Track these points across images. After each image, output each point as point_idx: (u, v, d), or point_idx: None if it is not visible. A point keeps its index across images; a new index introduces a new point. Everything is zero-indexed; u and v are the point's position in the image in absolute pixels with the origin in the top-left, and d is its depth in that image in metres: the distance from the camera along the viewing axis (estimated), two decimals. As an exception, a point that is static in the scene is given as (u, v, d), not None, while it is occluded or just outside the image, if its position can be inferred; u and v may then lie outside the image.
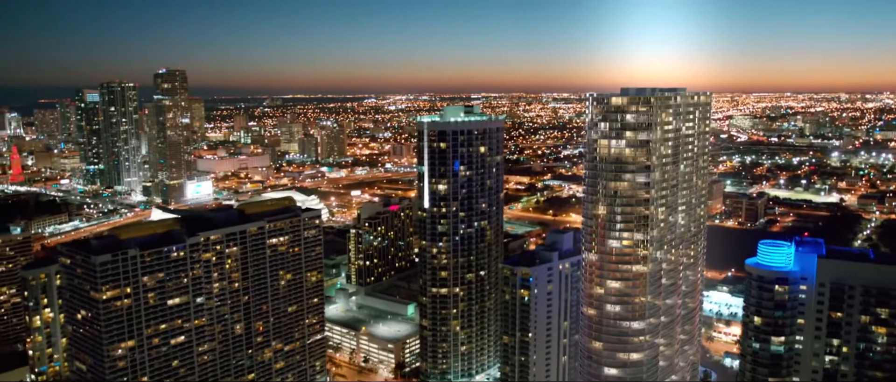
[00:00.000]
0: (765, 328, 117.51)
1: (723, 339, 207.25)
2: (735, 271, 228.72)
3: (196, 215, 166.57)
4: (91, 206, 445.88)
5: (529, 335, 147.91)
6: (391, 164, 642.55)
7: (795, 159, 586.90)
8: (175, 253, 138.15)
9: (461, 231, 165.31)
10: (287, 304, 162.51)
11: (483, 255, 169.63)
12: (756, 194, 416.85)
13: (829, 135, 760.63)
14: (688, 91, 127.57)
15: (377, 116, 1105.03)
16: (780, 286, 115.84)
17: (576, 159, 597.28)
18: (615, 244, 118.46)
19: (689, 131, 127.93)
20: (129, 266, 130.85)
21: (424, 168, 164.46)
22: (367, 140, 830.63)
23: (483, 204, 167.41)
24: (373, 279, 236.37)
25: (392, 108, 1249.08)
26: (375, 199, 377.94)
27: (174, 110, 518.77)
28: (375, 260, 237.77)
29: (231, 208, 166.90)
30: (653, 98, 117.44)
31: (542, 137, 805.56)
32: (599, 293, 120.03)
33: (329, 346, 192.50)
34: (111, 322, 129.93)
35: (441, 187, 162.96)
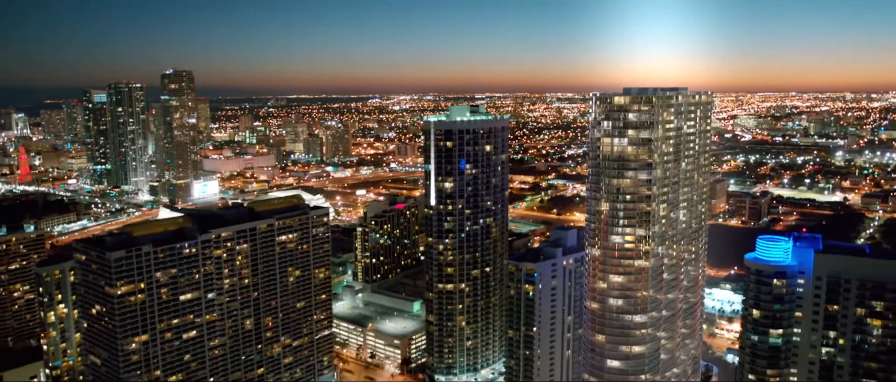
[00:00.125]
0: (763, 320, 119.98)
1: (725, 336, 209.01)
2: (738, 269, 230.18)
3: (207, 212, 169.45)
4: (99, 205, 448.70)
5: (534, 329, 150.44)
6: (396, 163, 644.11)
7: (799, 159, 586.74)
8: (187, 250, 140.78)
9: (467, 228, 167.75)
10: (295, 300, 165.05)
11: (488, 252, 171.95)
12: (759, 193, 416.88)
13: (834, 134, 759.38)
14: (689, 91, 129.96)
15: (381, 116, 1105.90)
16: (779, 279, 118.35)
17: (580, 159, 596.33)
18: (618, 239, 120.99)
19: (691, 130, 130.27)
20: (143, 262, 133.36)
21: (431, 166, 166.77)
22: (372, 140, 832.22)
23: (488, 202, 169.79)
24: (379, 276, 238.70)
25: (396, 108, 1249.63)
26: (381, 198, 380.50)
27: (181, 111, 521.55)
28: (381, 258, 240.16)
29: (241, 205, 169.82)
30: (654, 97, 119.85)
31: (547, 137, 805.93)
32: (602, 287, 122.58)
33: (336, 342, 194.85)
34: (125, 317, 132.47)
35: (447, 185, 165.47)
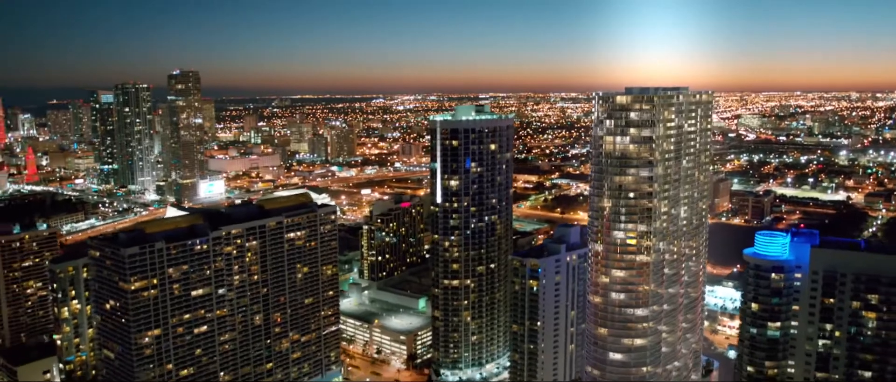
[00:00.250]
0: (761, 314, 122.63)
1: (727, 332, 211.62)
2: (740, 267, 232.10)
3: (217, 210, 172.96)
4: (106, 205, 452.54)
5: (538, 323, 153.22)
6: (400, 163, 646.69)
7: (803, 158, 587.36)
8: (198, 246, 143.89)
9: (472, 225, 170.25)
10: (304, 296, 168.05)
11: (493, 248, 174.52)
12: (763, 192, 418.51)
13: (838, 134, 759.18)
14: (690, 90, 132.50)
15: (385, 116, 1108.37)
16: (776, 274, 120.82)
17: (584, 158, 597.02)
18: (620, 235, 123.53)
19: (691, 128, 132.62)
20: (156, 258, 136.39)
21: (437, 165, 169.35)
22: (376, 140, 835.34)
23: (493, 199, 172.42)
24: (385, 273, 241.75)
25: (400, 108, 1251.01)
26: (386, 197, 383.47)
27: (187, 111, 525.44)
28: (387, 256, 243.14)
29: (251, 203, 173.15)
30: (656, 97, 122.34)
31: (551, 137, 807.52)
32: (605, 281, 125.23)
33: (343, 338, 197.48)
34: (139, 312, 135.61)
35: (453, 183, 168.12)
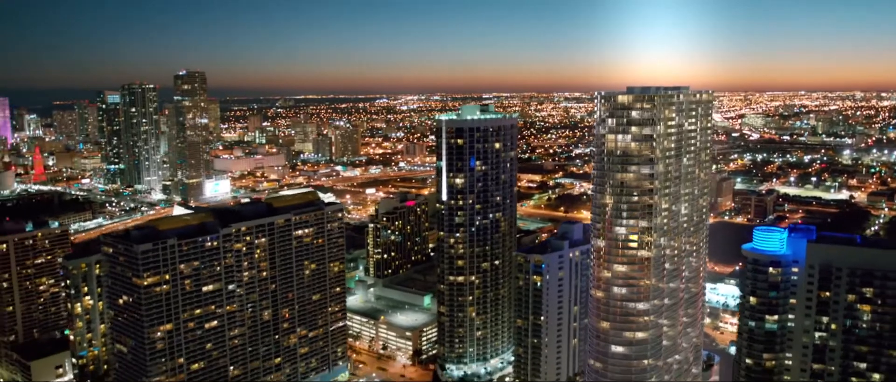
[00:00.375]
0: (760, 307, 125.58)
1: (729, 329, 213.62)
2: (742, 265, 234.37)
3: (227, 208, 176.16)
4: (113, 204, 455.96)
5: (542, 318, 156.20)
6: (404, 162, 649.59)
7: (807, 157, 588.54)
8: (209, 243, 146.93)
9: (477, 223, 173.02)
10: (311, 292, 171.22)
11: (497, 245, 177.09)
12: (765, 191, 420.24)
13: (842, 133, 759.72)
14: (690, 89, 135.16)
15: (389, 117, 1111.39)
16: (774, 268, 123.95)
17: (587, 158, 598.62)
18: (622, 231, 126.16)
19: (692, 127, 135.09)
20: (168, 255, 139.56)
21: (443, 163, 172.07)
22: (380, 140, 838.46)
23: (497, 197, 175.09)
24: (390, 271, 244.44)
25: (404, 108, 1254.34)
26: (390, 196, 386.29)
27: (193, 111, 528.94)
28: (393, 254, 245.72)
29: (260, 201, 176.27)
30: (656, 96, 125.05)
31: (554, 136, 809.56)
32: (607, 276, 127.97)
33: (349, 334, 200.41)
34: (151, 307, 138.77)
35: (458, 181, 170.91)
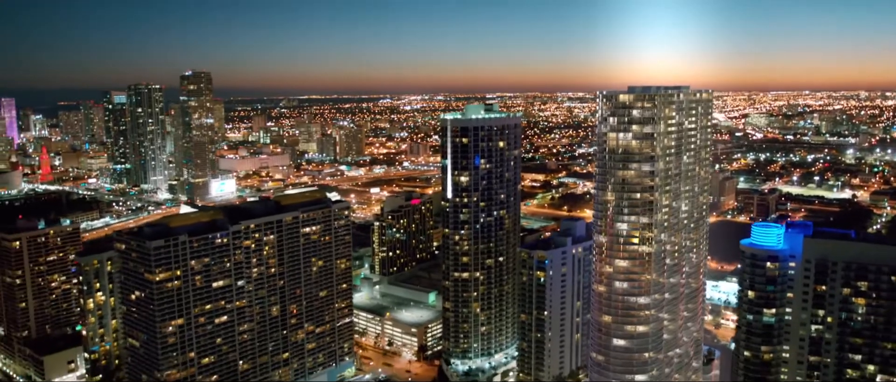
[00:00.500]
0: (757, 301, 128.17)
1: (730, 326, 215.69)
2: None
3: (236, 206, 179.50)
4: (119, 203, 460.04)
5: (545, 313, 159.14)
6: (408, 162, 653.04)
7: (810, 157, 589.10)
8: (219, 240, 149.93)
9: (481, 220, 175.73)
10: (318, 289, 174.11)
11: (501, 242, 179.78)
12: (768, 191, 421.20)
13: (846, 132, 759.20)
14: (691, 89, 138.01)
15: (393, 116, 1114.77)
16: (771, 263, 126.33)
17: (590, 157, 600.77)
18: (623, 227, 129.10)
19: (692, 126, 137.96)
20: (179, 251, 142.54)
21: (448, 162, 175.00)
22: (384, 139, 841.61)
23: (502, 195, 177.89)
24: (395, 269, 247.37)
25: (407, 108, 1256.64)
26: (395, 195, 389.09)
27: (199, 111, 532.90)
28: (398, 251, 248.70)
29: (268, 199, 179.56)
30: (657, 95, 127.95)
31: (558, 136, 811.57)
32: (608, 271, 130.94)
33: (356, 331, 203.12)
34: (163, 302, 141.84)
35: (463, 179, 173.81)
